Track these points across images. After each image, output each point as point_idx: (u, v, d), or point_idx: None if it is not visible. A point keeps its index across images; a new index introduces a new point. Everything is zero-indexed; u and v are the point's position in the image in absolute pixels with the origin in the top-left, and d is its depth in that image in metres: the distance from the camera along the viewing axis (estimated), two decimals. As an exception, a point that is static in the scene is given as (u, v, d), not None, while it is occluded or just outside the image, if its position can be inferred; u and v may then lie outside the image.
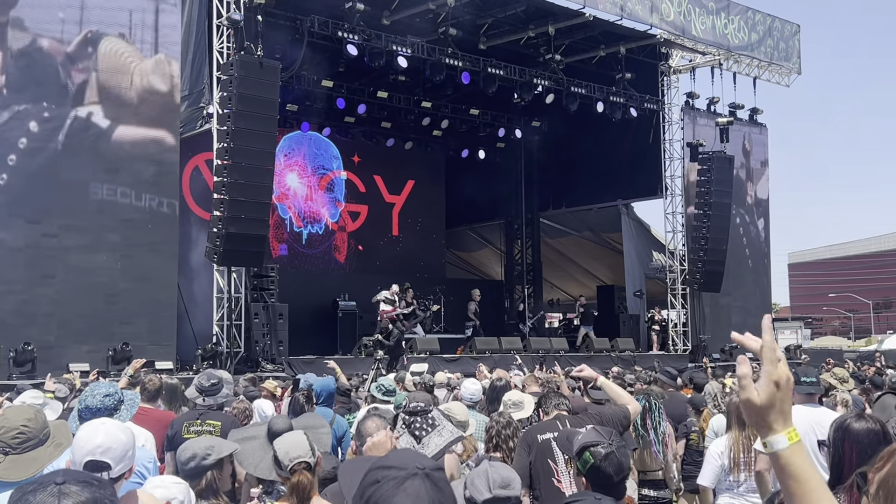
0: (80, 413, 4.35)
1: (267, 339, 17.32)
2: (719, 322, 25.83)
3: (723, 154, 24.22)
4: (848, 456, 3.40)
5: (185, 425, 6.24)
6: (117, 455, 3.19)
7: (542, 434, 5.34)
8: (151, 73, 16.46)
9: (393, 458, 1.69)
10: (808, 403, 5.84)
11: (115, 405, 4.41)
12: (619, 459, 3.42)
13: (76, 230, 15.60)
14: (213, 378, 6.38)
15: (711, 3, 24.29)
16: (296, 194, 25.42)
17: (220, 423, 6.24)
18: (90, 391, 4.45)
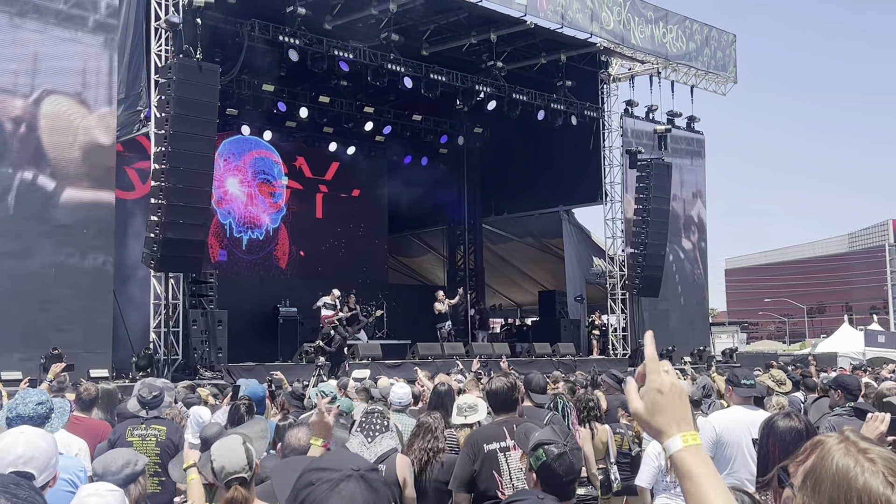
0: (9, 422, 4.22)
1: (205, 345, 17.06)
2: (658, 327, 26.17)
3: (661, 161, 24.59)
4: (772, 452, 3.50)
5: (130, 429, 6.14)
6: (41, 464, 3.11)
7: (488, 443, 5.19)
8: (95, 128, 16.17)
9: (327, 459, 1.68)
10: (746, 405, 5.95)
11: (47, 413, 4.31)
12: (571, 461, 3.46)
13: (8, 235, 15.21)
14: (155, 390, 6.29)
15: (650, 13, 24.68)
16: (236, 199, 25.14)
17: (164, 427, 6.16)
18: (21, 399, 4.34)
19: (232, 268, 24.39)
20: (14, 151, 15.45)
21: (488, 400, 5.63)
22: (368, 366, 17.49)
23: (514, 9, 21.02)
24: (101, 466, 3.72)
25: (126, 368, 16.33)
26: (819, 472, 1.74)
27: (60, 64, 15.92)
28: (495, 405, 5.48)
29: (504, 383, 5.41)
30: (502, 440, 5.17)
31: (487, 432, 5.35)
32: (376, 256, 28.77)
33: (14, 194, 15.38)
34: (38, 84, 15.71)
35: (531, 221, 29.17)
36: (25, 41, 15.56)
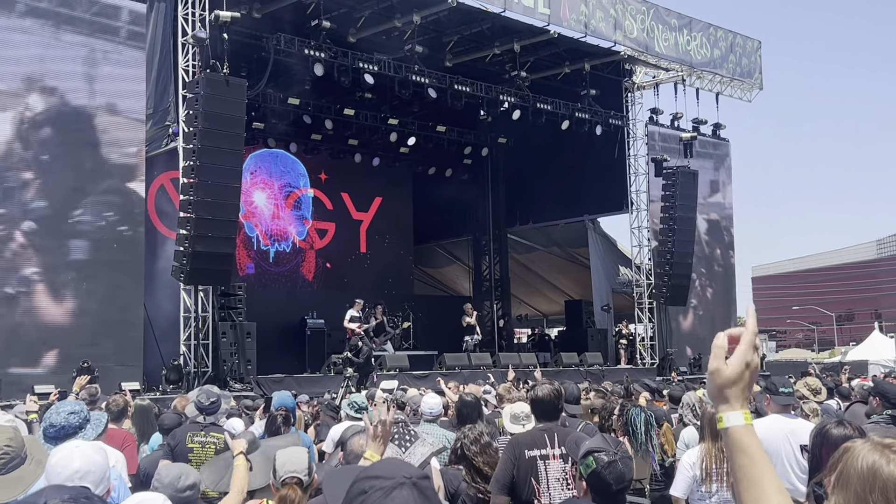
0: (44, 431, 4.26)
1: (235, 358, 17.16)
2: (685, 335, 26.05)
3: (687, 169, 24.48)
4: (825, 461, 3.45)
5: (189, 435, 6.20)
6: (96, 478, 3.15)
7: (529, 450, 5.15)
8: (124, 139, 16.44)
9: (379, 467, 1.69)
10: (784, 413, 5.88)
11: (80, 423, 4.33)
12: (622, 469, 3.43)
13: (41, 250, 15.38)
14: (212, 396, 6.37)
15: (674, 20, 24.61)
16: (263, 212, 25.30)
17: (223, 435, 6.22)
18: (55, 409, 4.38)
19: (260, 280, 24.53)
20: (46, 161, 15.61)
21: (532, 407, 5.57)
22: (396, 377, 17.51)
23: (538, 18, 21.04)
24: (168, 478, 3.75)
25: (156, 381, 16.44)
26: (847, 470, 1.80)
27: (105, 81, 16.10)
28: (539, 412, 5.41)
29: (550, 391, 5.33)
30: (543, 447, 5.13)
31: (529, 438, 5.29)
32: (402, 268, 28.82)
33: (46, 207, 15.56)
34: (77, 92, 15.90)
35: (556, 231, 29.11)
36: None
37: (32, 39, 15.52)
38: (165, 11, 17.34)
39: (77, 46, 15.98)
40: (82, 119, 16.03)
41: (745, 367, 1.88)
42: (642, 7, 23.55)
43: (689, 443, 7.09)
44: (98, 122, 16.20)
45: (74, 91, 15.98)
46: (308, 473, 3.58)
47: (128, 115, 16.58)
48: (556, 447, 5.10)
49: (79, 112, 15.99)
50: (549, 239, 29.82)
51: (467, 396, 7.34)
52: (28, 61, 15.49)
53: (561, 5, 21.12)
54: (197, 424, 6.40)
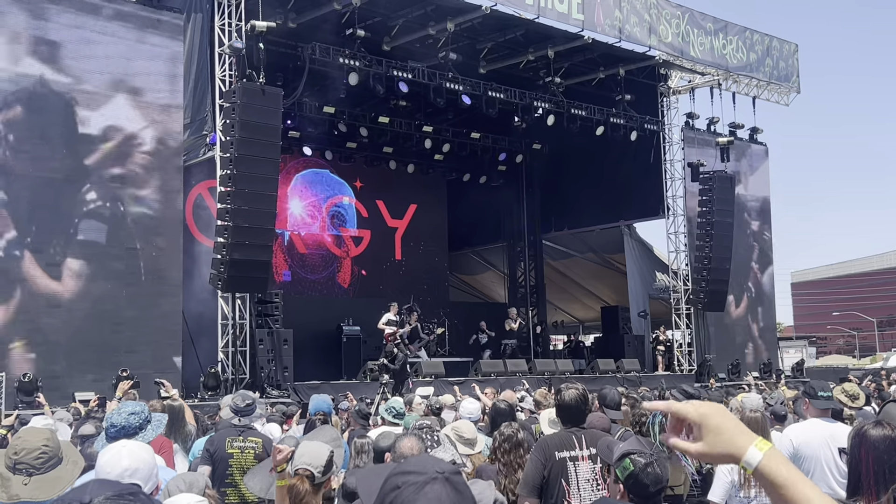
0: (105, 431, 4.37)
1: (272, 364, 17.29)
2: (724, 341, 25.82)
3: (724, 174, 24.29)
4: (865, 462, 3.41)
5: (228, 441, 6.27)
6: (144, 475, 3.22)
7: (559, 451, 5.15)
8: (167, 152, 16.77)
9: (412, 463, 1.70)
10: (823, 418, 5.82)
11: (140, 423, 4.42)
12: (658, 471, 3.43)
13: (82, 258, 15.64)
14: (248, 399, 6.46)
15: (709, 24, 24.44)
16: (299, 220, 25.49)
17: (260, 440, 6.28)
18: (117, 410, 4.49)
19: (296, 287, 24.70)
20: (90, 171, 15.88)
21: (558, 411, 5.56)
22: (432, 383, 17.54)
23: (572, 24, 21.01)
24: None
25: (195, 388, 16.60)
26: None
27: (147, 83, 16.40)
28: (565, 417, 5.40)
29: (576, 395, 5.31)
30: (573, 449, 5.13)
31: (559, 440, 5.28)
32: (437, 274, 28.85)
33: (87, 216, 15.82)
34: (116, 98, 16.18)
35: (592, 237, 28.99)
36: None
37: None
38: (202, 22, 17.57)
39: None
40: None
41: (706, 421, 1.76)
42: (677, 11, 23.43)
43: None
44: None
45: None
46: (323, 471, 3.58)
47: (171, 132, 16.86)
48: (584, 448, 5.09)
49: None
50: (584, 245, 29.71)
51: (501, 404, 7.35)
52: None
53: (595, 11, 21.08)
54: (234, 429, 6.46)
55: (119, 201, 16.16)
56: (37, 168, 15.34)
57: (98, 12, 16.06)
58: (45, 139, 15.51)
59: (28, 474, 3.47)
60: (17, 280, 15.03)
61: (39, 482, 3.44)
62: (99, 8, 16.08)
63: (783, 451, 5.58)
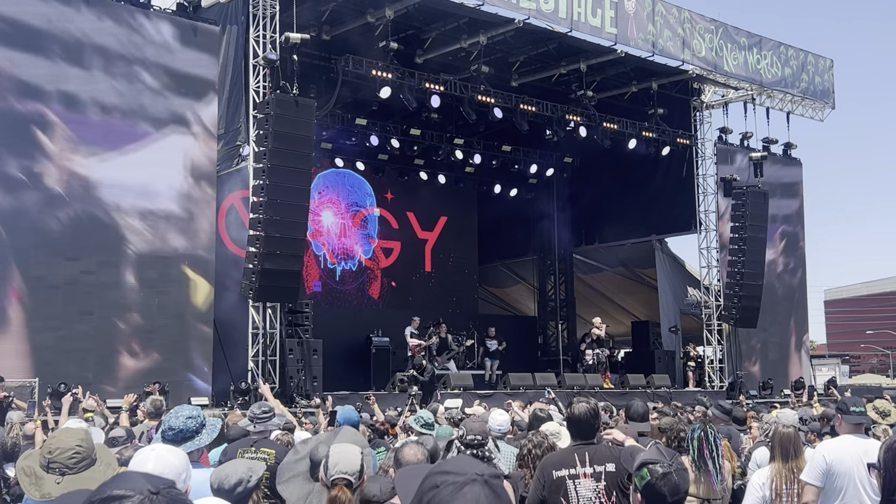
0: (162, 433, 4.41)
1: (301, 374, 17.35)
2: (756, 358, 25.55)
3: (757, 189, 24.10)
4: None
5: (240, 452, 6.29)
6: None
7: (556, 470, 5.03)
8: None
9: (452, 463, 1.70)
10: (856, 434, 5.75)
11: (197, 427, 4.47)
12: (676, 481, 3.39)
13: (113, 266, 15.82)
14: (265, 406, 6.47)
15: (743, 39, 24.31)
16: (330, 231, 25.61)
17: (274, 451, 6.29)
18: (174, 413, 4.54)
19: (326, 298, 24.80)
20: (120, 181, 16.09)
21: (569, 425, 5.43)
22: (460, 395, 17.51)
23: (605, 38, 20.99)
24: (217, 482, 3.82)
25: (225, 397, 16.70)
26: None
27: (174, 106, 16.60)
28: (574, 431, 5.29)
29: (586, 409, 5.18)
30: (572, 467, 4.99)
31: (557, 458, 5.18)
32: (466, 287, 28.85)
33: (122, 229, 16.01)
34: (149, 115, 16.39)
35: (623, 251, 28.85)
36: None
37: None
38: (237, 34, 17.76)
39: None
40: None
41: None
42: (711, 26, 23.33)
43: (761, 462, 6.98)
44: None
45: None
46: (358, 475, 3.59)
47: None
48: (587, 465, 4.98)
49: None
50: (615, 259, 29.57)
51: (541, 412, 7.34)
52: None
53: (628, 24, 21.05)
54: (248, 440, 6.47)
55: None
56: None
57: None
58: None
59: (61, 474, 3.51)
60: (54, 287, 15.23)
61: (72, 482, 3.47)
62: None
63: (816, 467, 5.52)
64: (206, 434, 4.49)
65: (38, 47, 15.32)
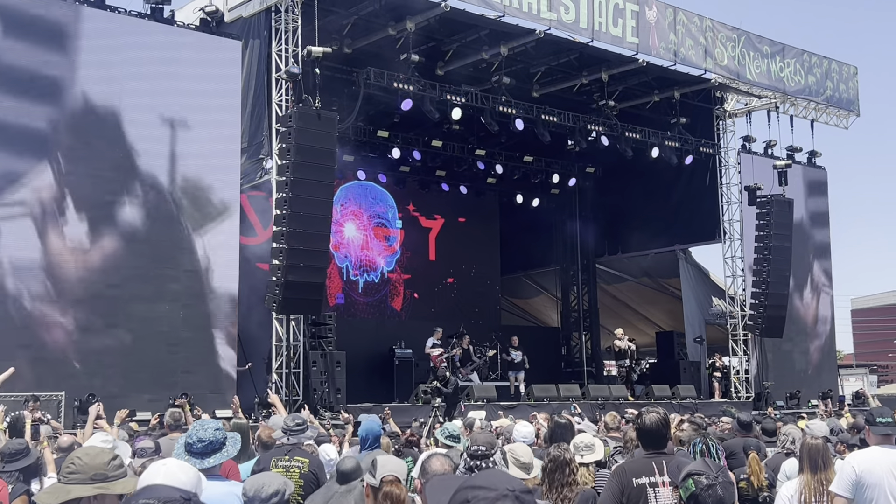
0: (189, 446, 4.43)
1: (325, 386, 17.37)
2: (783, 369, 25.32)
3: (781, 198, 23.93)
4: None
5: (274, 460, 6.31)
6: None
7: (637, 477, 5.04)
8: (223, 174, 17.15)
9: (483, 478, 1.69)
10: (885, 445, 5.68)
11: (223, 439, 4.52)
12: (721, 494, 3.39)
13: (141, 279, 15.93)
14: (298, 419, 6.51)
15: (766, 47, 24.17)
16: (352, 243, 25.66)
17: (307, 459, 6.30)
18: (200, 425, 4.59)
19: (349, 310, 24.84)
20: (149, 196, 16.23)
21: (639, 435, 5.46)
22: (484, 407, 17.47)
23: (626, 48, 20.95)
24: (252, 490, 3.84)
25: (250, 409, 16.73)
26: None
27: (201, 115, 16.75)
28: (646, 441, 5.30)
29: (657, 419, 5.21)
30: (651, 475, 5.02)
31: (637, 466, 5.19)
32: (489, 298, 28.79)
33: (148, 239, 16.13)
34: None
35: (646, 261, 28.71)
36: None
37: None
38: (259, 48, 17.89)
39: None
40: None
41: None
42: (733, 34, 23.22)
43: (790, 474, 6.90)
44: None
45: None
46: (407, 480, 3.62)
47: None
48: (664, 475, 5.00)
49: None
50: (639, 269, 29.43)
51: (561, 419, 7.30)
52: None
53: (650, 34, 21.00)
54: (281, 448, 6.50)
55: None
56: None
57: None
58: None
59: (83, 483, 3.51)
60: (77, 302, 15.35)
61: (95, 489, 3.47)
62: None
63: (845, 478, 5.44)
64: (231, 446, 4.52)
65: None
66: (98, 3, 15.97)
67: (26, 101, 15.25)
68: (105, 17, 16.02)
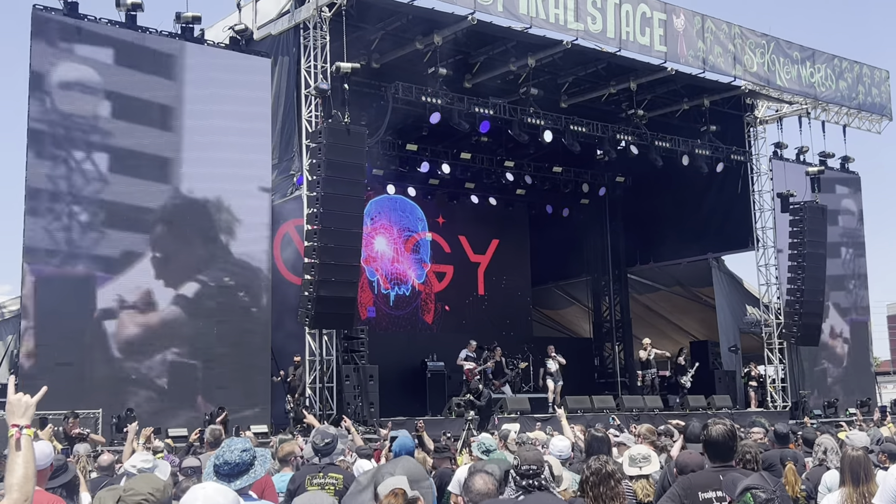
0: (217, 468, 4.40)
1: (358, 400, 17.40)
2: (818, 377, 25.00)
3: (815, 204, 23.68)
4: None
5: (308, 478, 6.31)
6: None
7: (703, 492, 4.93)
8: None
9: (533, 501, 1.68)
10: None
11: (251, 460, 4.45)
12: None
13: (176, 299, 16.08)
14: (327, 437, 6.48)
15: (796, 53, 23.97)
16: (383, 256, 25.72)
17: (341, 476, 6.29)
18: (227, 446, 4.52)
19: (380, 323, 24.87)
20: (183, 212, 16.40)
21: (705, 447, 5.35)
22: (517, 419, 17.39)
23: (654, 56, 20.87)
24: None
25: (284, 423, 16.81)
26: None
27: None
28: (712, 453, 5.20)
29: (723, 431, 5.12)
30: (719, 489, 4.92)
31: (703, 479, 5.09)
32: (520, 309, 28.70)
33: (182, 255, 16.29)
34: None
35: (679, 270, 28.47)
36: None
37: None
38: (289, 65, 18.04)
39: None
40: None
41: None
42: (762, 41, 23.06)
43: (831, 486, 6.79)
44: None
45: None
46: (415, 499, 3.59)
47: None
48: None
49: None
50: (671, 278, 29.20)
51: (598, 432, 7.23)
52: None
53: (678, 42, 20.91)
54: (315, 466, 6.47)
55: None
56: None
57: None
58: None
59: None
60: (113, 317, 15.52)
61: None
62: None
63: (889, 492, 5.35)
64: (259, 466, 4.46)
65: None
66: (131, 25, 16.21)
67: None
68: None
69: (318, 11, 17.19)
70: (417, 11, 18.24)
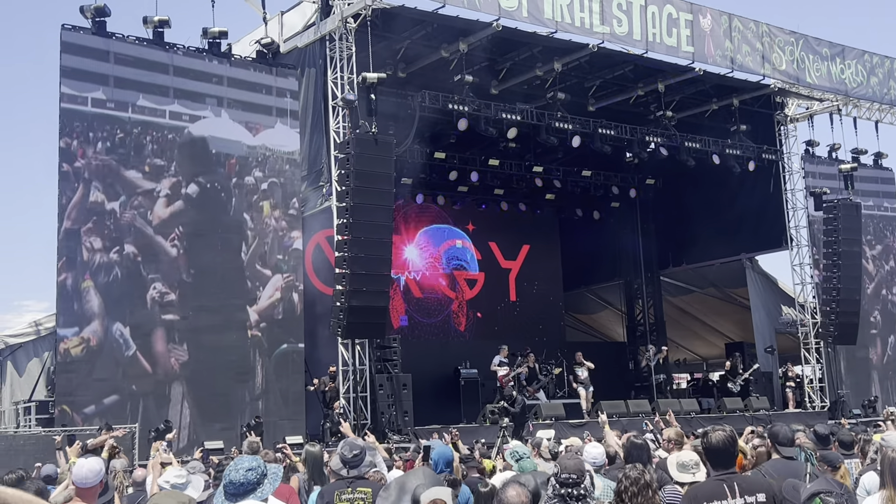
0: (225, 488, 4.35)
1: (392, 409, 17.41)
2: (858, 375, 24.65)
3: (849, 201, 23.37)
4: None
5: (337, 494, 6.27)
6: None
7: (709, 501, 4.83)
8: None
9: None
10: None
11: (258, 479, 4.36)
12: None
13: (210, 310, 16.22)
14: (355, 448, 6.42)
15: (825, 49, 23.70)
16: (414, 265, 25.76)
17: (370, 489, 6.26)
18: (234, 466, 4.45)
19: (413, 332, 24.88)
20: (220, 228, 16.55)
21: (706, 455, 5.25)
22: (552, 426, 17.31)
23: (681, 57, 20.74)
24: None
25: (319, 434, 16.86)
26: None
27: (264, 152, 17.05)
28: (713, 460, 5.12)
29: (724, 437, 5.03)
30: (724, 498, 4.83)
31: (708, 490, 4.98)
32: (552, 314, 28.60)
33: (218, 270, 16.43)
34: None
35: (712, 271, 28.22)
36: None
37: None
38: (315, 77, 18.14)
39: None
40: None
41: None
42: (790, 38, 22.83)
43: (870, 489, 6.68)
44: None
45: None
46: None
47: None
48: (737, 497, 4.79)
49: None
50: (704, 280, 28.95)
51: (637, 439, 7.13)
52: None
53: (705, 42, 20.77)
54: (343, 481, 6.40)
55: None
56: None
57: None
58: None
59: None
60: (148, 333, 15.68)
61: None
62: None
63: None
64: (268, 484, 4.38)
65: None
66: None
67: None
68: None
69: (344, 23, 17.28)
70: (442, 20, 18.26)
